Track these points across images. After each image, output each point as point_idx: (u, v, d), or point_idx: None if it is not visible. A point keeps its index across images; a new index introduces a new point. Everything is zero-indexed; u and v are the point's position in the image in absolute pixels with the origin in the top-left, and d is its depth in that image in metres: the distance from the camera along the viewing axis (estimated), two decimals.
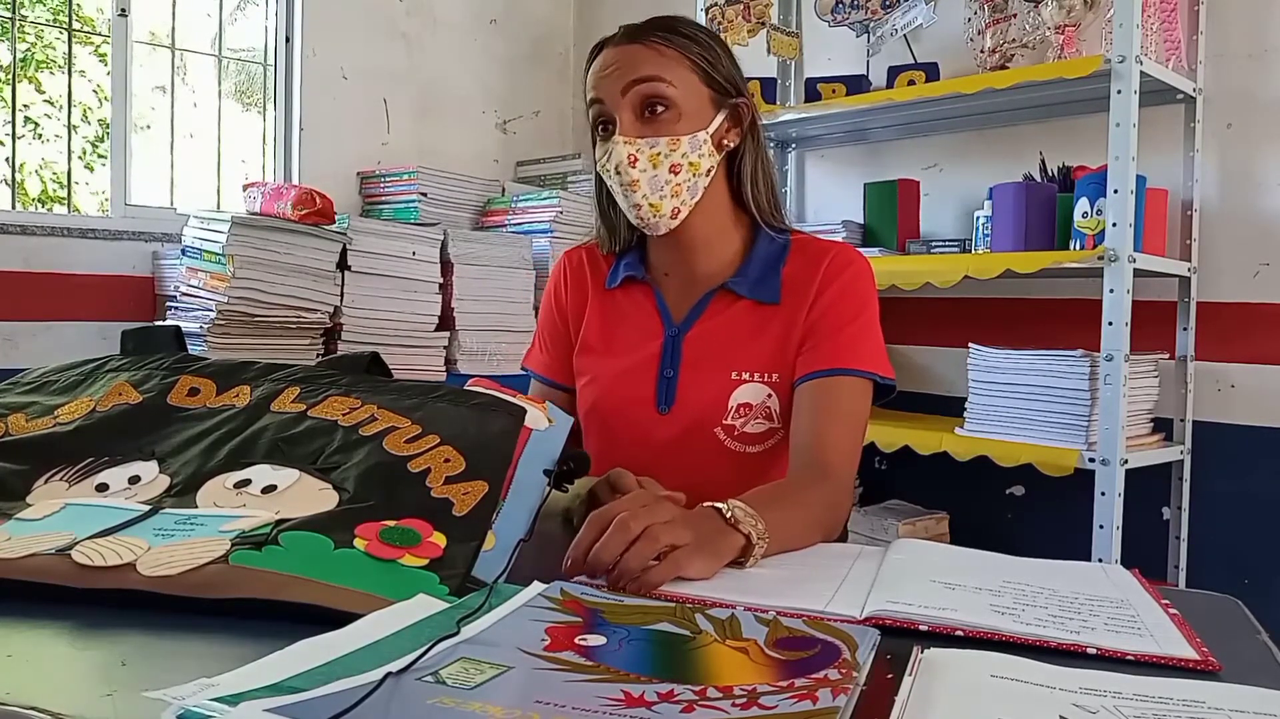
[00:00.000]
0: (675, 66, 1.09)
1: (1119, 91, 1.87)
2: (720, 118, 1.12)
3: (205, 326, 2.16)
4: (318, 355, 2.32)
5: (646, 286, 1.21)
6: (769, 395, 1.13)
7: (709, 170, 1.12)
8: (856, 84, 2.42)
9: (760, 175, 1.18)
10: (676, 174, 1.09)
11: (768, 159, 1.19)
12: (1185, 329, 2.12)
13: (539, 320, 1.31)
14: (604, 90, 1.10)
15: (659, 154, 1.08)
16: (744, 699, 0.49)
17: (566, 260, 1.29)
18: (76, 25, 2.79)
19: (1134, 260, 1.87)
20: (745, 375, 1.13)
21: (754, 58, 2.61)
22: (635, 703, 0.47)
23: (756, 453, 1.14)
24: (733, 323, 1.15)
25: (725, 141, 1.14)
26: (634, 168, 1.08)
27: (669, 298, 1.20)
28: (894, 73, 2.35)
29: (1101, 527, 1.86)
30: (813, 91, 2.44)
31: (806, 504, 0.95)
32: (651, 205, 1.09)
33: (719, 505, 0.82)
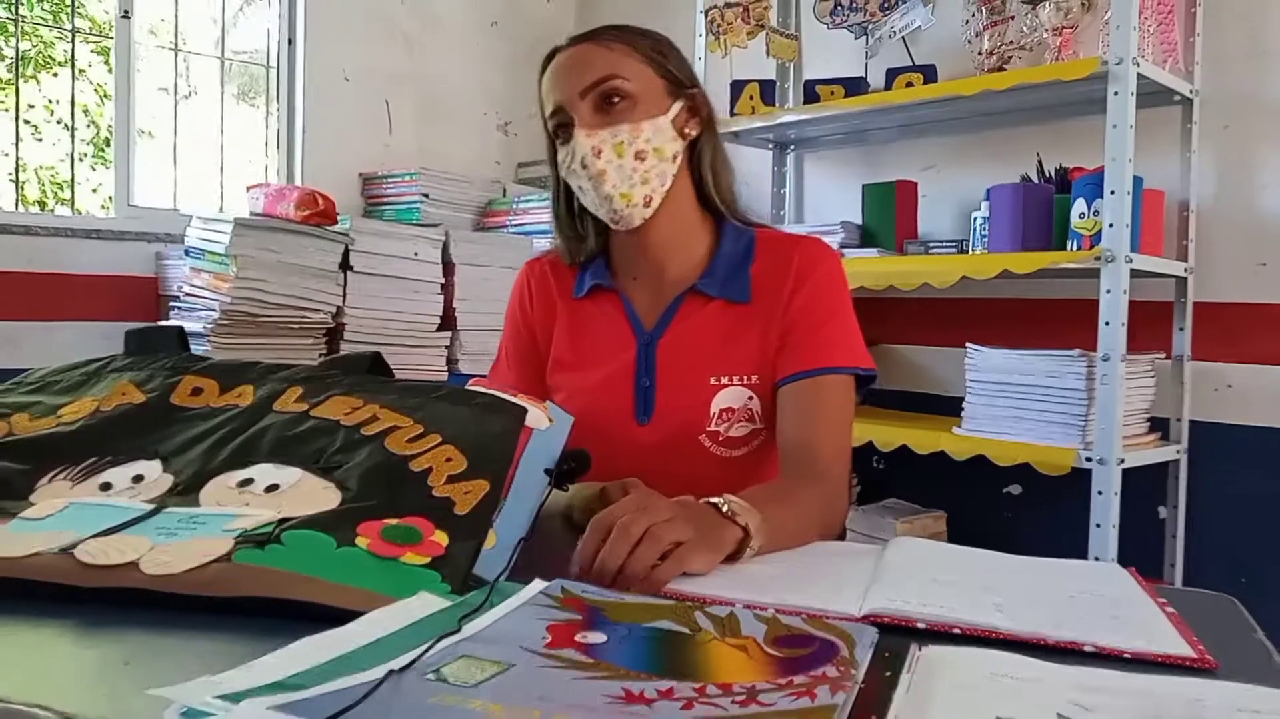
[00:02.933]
0: (626, 60, 1.09)
1: (1116, 93, 1.87)
2: (678, 106, 1.12)
3: (208, 327, 2.16)
4: (320, 355, 2.32)
5: (614, 294, 1.19)
6: (750, 397, 1.12)
7: (675, 156, 1.12)
8: (855, 86, 2.42)
9: (720, 165, 1.18)
10: (643, 161, 1.09)
11: (724, 151, 1.19)
12: (1182, 329, 2.12)
13: (504, 335, 1.28)
14: (560, 93, 1.09)
15: (622, 142, 1.08)
16: (743, 696, 0.49)
17: (529, 272, 1.26)
18: (79, 26, 2.80)
19: (1131, 261, 1.87)
20: (725, 379, 1.12)
21: (753, 60, 2.61)
22: (635, 700, 0.47)
23: (741, 455, 1.13)
24: (706, 325, 1.14)
25: (687, 130, 1.13)
26: (599, 159, 1.07)
27: (638, 304, 1.18)
28: (892, 75, 2.35)
29: (1098, 525, 1.87)
30: (811, 93, 2.45)
31: (802, 503, 0.95)
32: (623, 195, 1.08)
33: (714, 500, 0.82)
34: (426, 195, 2.71)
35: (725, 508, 0.82)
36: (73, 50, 2.71)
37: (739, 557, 0.81)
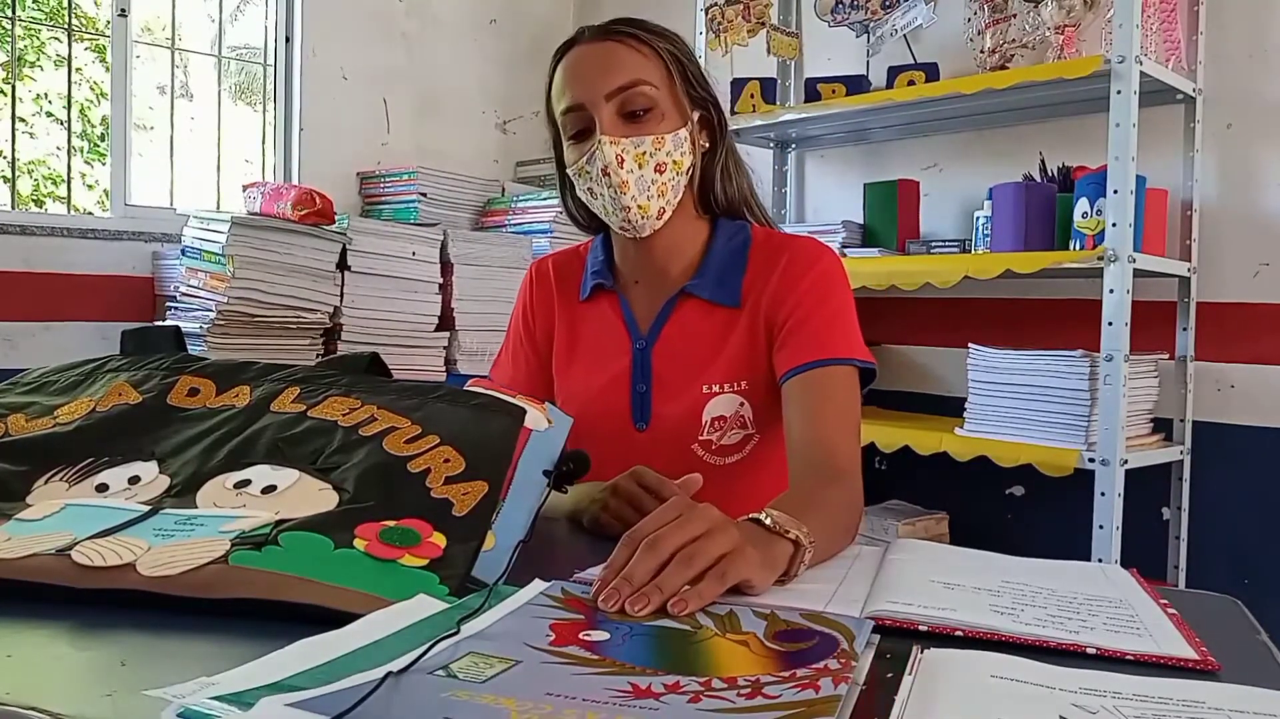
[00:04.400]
0: (653, 67, 1.08)
1: (1119, 92, 1.87)
2: (695, 117, 1.11)
3: (205, 327, 2.16)
4: (317, 355, 2.32)
5: (613, 296, 1.19)
6: (741, 404, 1.11)
7: (688, 169, 1.11)
8: (856, 84, 2.42)
9: (734, 172, 1.17)
10: (662, 173, 1.07)
11: (738, 155, 1.18)
12: (1185, 329, 2.12)
13: (508, 332, 1.28)
14: (583, 92, 1.06)
15: (644, 153, 1.06)
16: (748, 689, 0.49)
17: (534, 272, 1.26)
18: (76, 24, 2.79)
19: (1134, 260, 1.87)
20: (715, 388, 1.11)
21: (754, 58, 2.61)
22: (643, 694, 0.48)
23: (734, 463, 1.12)
24: (696, 329, 1.13)
25: (701, 142, 1.13)
26: (622, 168, 1.05)
27: (636, 307, 1.18)
28: (894, 73, 2.35)
29: (1101, 527, 1.86)
30: (812, 92, 2.44)
31: (829, 508, 0.89)
32: (640, 207, 1.07)
33: (755, 515, 0.77)
34: (424, 194, 2.71)
35: (768, 520, 0.76)
36: (69, 50, 2.70)
37: (791, 573, 0.75)
